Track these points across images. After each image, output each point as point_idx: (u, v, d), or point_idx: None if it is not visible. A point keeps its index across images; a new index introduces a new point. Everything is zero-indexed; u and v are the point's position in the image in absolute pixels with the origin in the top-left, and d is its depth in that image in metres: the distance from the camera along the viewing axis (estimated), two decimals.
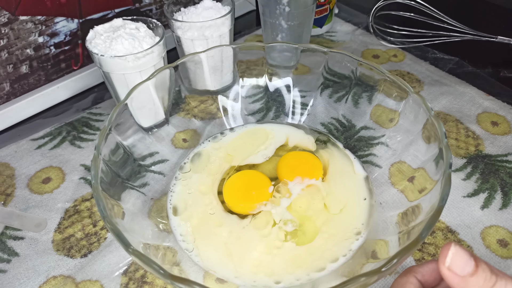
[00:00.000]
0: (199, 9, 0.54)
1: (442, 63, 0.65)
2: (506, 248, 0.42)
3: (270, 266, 0.39)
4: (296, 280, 0.37)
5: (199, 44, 0.54)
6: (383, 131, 0.48)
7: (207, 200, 0.45)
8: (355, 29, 0.75)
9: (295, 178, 0.45)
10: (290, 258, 0.39)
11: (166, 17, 0.54)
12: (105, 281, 0.41)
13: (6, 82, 0.57)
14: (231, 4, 0.55)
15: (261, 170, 0.48)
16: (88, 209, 0.47)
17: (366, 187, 0.45)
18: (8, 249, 0.44)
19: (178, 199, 0.45)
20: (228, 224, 0.42)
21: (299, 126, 0.54)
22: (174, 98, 0.52)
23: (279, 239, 0.40)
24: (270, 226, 0.41)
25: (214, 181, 0.47)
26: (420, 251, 0.42)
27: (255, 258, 0.39)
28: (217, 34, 0.53)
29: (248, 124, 0.54)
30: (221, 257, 0.40)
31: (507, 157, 0.50)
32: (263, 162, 0.49)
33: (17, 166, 0.53)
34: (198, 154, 0.50)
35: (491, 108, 0.57)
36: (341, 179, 0.46)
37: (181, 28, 0.53)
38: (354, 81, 0.50)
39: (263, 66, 0.53)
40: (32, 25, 0.56)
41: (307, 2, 0.60)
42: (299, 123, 0.54)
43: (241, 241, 0.41)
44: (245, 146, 0.51)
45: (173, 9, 0.56)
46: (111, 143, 0.41)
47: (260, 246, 0.40)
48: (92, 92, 0.64)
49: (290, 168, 0.46)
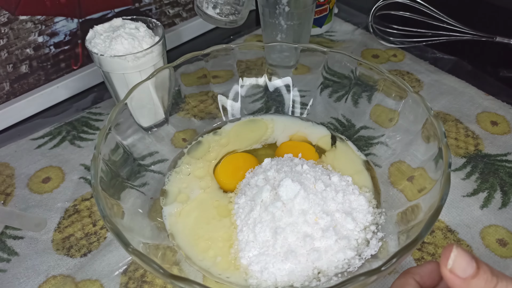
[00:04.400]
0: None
1: (442, 62, 0.66)
2: (505, 248, 0.42)
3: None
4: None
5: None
6: (383, 130, 0.48)
7: (203, 183, 0.46)
8: (354, 29, 0.75)
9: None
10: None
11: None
12: (104, 281, 0.41)
13: (6, 81, 0.57)
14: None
15: (259, 155, 0.50)
16: (87, 208, 0.47)
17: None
18: (8, 248, 0.44)
19: (172, 184, 0.47)
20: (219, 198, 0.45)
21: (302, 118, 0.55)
22: (174, 97, 0.52)
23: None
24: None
25: (210, 166, 0.48)
26: (420, 250, 0.42)
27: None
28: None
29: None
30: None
31: (507, 157, 0.50)
32: (260, 148, 0.51)
33: (17, 165, 0.53)
34: (198, 142, 0.52)
35: (490, 107, 0.57)
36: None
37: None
38: (353, 81, 0.50)
39: (262, 65, 0.53)
40: (32, 25, 0.56)
41: (307, 2, 0.60)
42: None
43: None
44: (245, 134, 0.52)
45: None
46: (111, 142, 0.41)
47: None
48: (92, 91, 0.64)
49: (287, 153, 0.47)
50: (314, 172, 0.42)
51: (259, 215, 0.39)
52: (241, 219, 0.40)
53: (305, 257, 0.37)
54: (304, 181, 0.40)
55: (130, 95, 0.43)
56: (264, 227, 0.38)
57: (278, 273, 0.37)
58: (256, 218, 0.39)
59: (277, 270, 0.37)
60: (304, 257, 0.37)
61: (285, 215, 0.38)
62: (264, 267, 0.37)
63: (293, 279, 0.37)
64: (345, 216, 0.39)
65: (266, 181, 0.41)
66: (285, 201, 0.38)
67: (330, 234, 0.37)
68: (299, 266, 0.37)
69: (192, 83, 0.53)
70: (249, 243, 0.38)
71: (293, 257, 0.37)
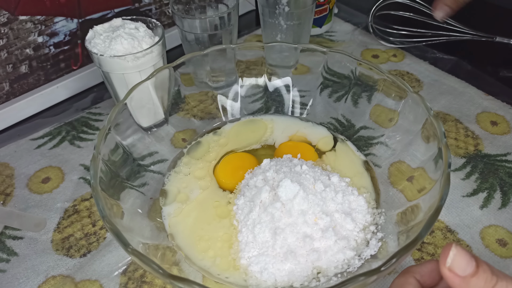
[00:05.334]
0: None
1: (442, 63, 0.66)
2: (505, 248, 0.42)
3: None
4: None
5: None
6: (383, 130, 0.48)
7: (203, 183, 0.47)
8: (354, 29, 0.75)
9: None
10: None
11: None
12: (104, 281, 0.41)
13: (6, 82, 0.57)
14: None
15: (258, 155, 0.50)
16: (87, 208, 0.47)
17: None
18: (7, 248, 0.44)
19: (172, 184, 0.47)
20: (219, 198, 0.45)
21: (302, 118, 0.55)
22: (174, 97, 0.52)
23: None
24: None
25: (210, 166, 0.48)
26: (419, 250, 0.42)
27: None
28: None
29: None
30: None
31: (506, 157, 0.50)
32: (260, 148, 0.51)
33: (17, 165, 0.53)
34: (198, 142, 0.51)
35: (490, 107, 0.57)
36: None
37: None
38: (353, 81, 0.50)
39: (262, 66, 0.53)
40: (32, 25, 0.56)
41: (307, 2, 0.60)
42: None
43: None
44: (245, 134, 0.52)
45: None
46: (111, 142, 0.41)
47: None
48: (92, 92, 0.64)
49: (286, 153, 0.47)
50: (313, 172, 0.42)
51: (258, 216, 0.39)
52: (240, 220, 0.40)
53: (304, 257, 0.37)
54: (303, 182, 0.40)
55: (129, 95, 0.43)
56: (264, 228, 0.38)
57: (278, 274, 0.37)
58: (255, 219, 0.39)
59: (277, 271, 0.37)
60: (304, 258, 0.37)
61: (285, 216, 0.38)
62: (264, 268, 0.37)
63: (293, 279, 0.36)
64: (344, 216, 0.39)
65: (265, 182, 0.41)
66: (285, 201, 0.38)
67: (329, 235, 0.37)
68: (298, 266, 0.37)
69: (192, 83, 0.53)
70: (249, 244, 0.38)
71: (293, 257, 0.37)
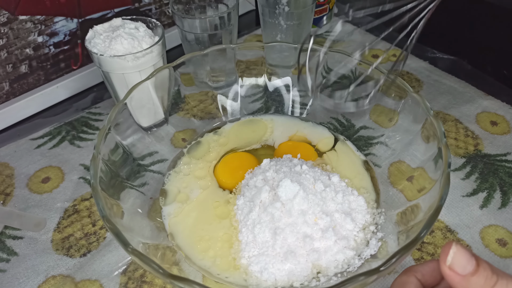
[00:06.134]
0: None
1: (442, 62, 0.66)
2: (505, 248, 0.42)
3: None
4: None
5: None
6: (382, 130, 0.48)
7: (203, 182, 0.47)
8: (354, 28, 0.75)
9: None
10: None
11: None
12: (104, 281, 0.41)
13: (6, 81, 0.57)
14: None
15: (258, 155, 0.50)
16: (87, 208, 0.47)
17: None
18: (7, 248, 0.44)
19: (172, 183, 0.47)
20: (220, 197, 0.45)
21: (302, 118, 0.55)
22: (174, 97, 0.52)
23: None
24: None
25: (210, 166, 0.48)
26: (419, 250, 0.42)
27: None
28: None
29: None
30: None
31: (506, 157, 0.50)
32: (260, 148, 0.51)
33: (17, 165, 0.53)
34: (198, 142, 0.52)
35: (490, 107, 0.57)
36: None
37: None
38: (353, 81, 0.50)
39: (262, 65, 0.53)
40: (32, 24, 0.56)
41: (307, 2, 0.60)
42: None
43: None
44: (245, 134, 0.52)
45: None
46: (111, 142, 0.41)
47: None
48: (92, 91, 0.64)
49: (286, 153, 0.47)
50: (313, 172, 0.42)
51: (258, 216, 0.39)
52: (240, 220, 0.40)
53: (304, 257, 0.37)
54: (303, 182, 0.40)
55: (129, 95, 0.43)
56: (264, 228, 0.38)
57: (278, 273, 0.37)
58: (255, 219, 0.39)
59: (277, 271, 0.37)
60: (304, 258, 0.37)
61: (285, 216, 0.38)
62: (264, 268, 0.37)
63: (293, 279, 0.37)
64: (344, 216, 0.39)
65: (265, 182, 0.41)
66: (284, 201, 0.38)
67: (329, 235, 0.37)
68: (298, 266, 0.37)
69: (192, 83, 0.53)
70: (249, 244, 0.38)
71: (293, 257, 0.37)
